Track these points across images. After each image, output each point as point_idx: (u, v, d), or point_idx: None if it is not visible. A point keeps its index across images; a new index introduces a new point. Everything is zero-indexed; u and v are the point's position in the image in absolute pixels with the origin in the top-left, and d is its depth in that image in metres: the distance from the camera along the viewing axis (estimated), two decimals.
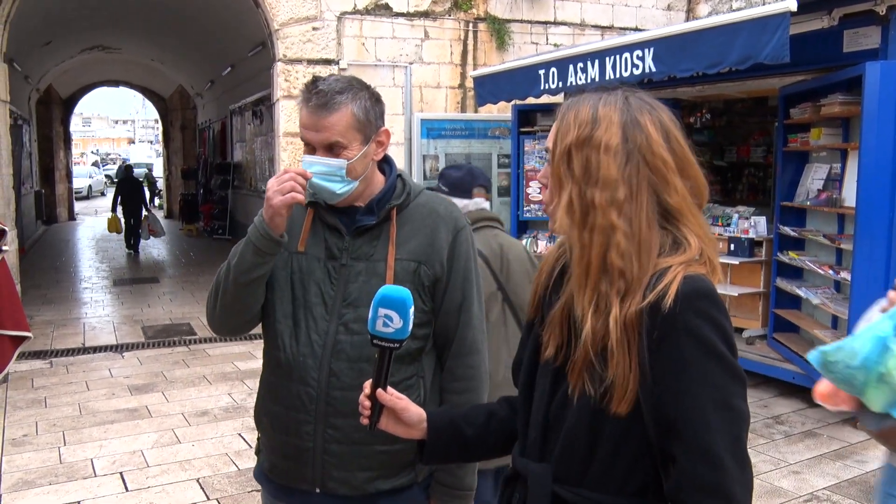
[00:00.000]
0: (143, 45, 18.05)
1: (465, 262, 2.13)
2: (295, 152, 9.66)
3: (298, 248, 2.08)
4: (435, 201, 2.18)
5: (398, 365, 2.00)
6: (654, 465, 1.37)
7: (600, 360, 1.33)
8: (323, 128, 1.97)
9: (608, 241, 1.33)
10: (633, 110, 1.40)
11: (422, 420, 1.65)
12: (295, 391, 2.05)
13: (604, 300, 1.33)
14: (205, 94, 20.42)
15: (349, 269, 2.05)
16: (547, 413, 1.48)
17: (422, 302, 2.05)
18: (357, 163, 2.01)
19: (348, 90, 2.00)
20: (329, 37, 9.70)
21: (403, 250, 2.06)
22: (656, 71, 6.36)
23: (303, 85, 2.06)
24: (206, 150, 21.46)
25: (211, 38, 14.58)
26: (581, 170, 1.37)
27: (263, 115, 13.92)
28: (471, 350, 2.14)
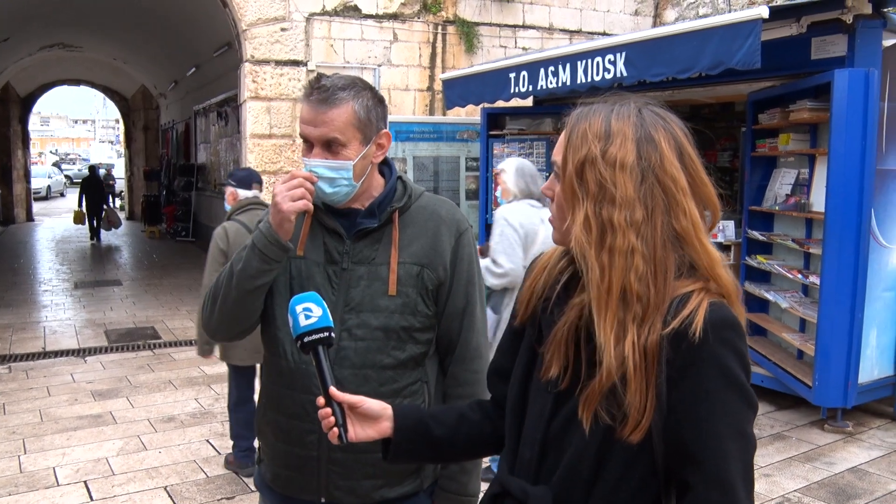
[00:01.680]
0: (105, 43, 17.78)
1: (469, 266, 2.09)
2: (262, 154, 9.56)
3: (297, 253, 2.04)
4: (437, 204, 2.14)
5: (402, 370, 2.00)
6: (656, 493, 1.35)
7: (620, 386, 1.28)
8: (322, 123, 1.93)
9: (627, 263, 1.28)
10: (647, 125, 1.34)
11: (385, 412, 1.60)
12: (298, 400, 2.00)
13: (622, 325, 1.28)
14: (168, 95, 20.17)
15: (350, 273, 2.01)
16: (546, 432, 1.43)
17: (425, 306, 2.02)
18: (357, 164, 1.97)
19: (351, 87, 1.96)
20: (297, 38, 9.62)
21: (406, 253, 2.02)
22: (627, 75, 6.37)
23: (306, 82, 2.03)
24: (170, 152, 21.20)
25: (176, 37, 14.39)
26: (596, 187, 1.31)
27: (229, 117, 13.77)
28: (475, 355, 2.11)
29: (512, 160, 5.36)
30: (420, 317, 2.01)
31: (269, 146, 9.61)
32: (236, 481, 5.01)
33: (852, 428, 6.02)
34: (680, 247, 1.32)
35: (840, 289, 5.74)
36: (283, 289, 2.04)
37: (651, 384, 1.26)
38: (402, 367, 2.00)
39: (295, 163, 9.73)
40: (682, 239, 1.32)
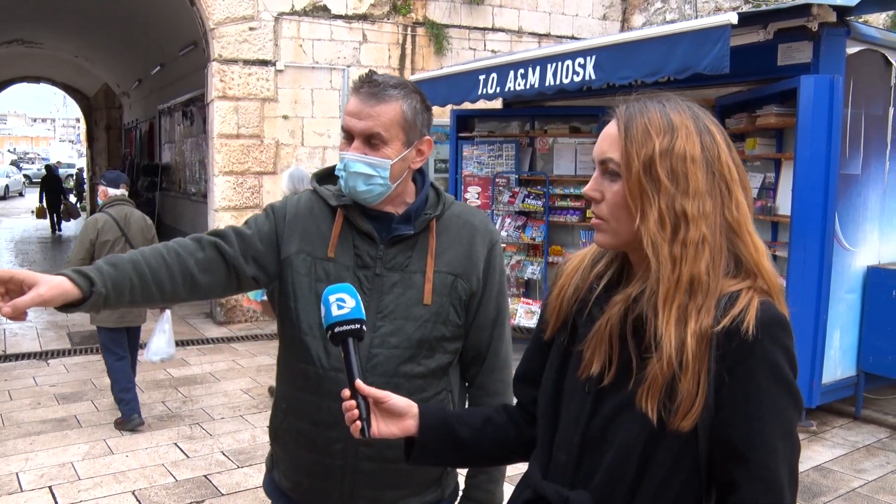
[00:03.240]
0: (66, 40, 17.50)
1: (500, 276, 2.07)
2: (230, 154, 9.48)
3: (328, 254, 1.97)
4: (470, 213, 2.10)
5: (431, 380, 1.97)
6: (698, 497, 1.34)
7: (676, 376, 1.28)
8: (368, 116, 1.88)
9: (699, 254, 1.29)
10: (702, 118, 1.36)
11: (411, 410, 1.57)
12: (325, 407, 1.93)
13: (684, 314, 1.28)
14: (132, 94, 19.92)
15: (383, 279, 1.96)
16: (585, 434, 1.41)
17: (456, 316, 1.98)
18: (396, 164, 1.92)
19: (402, 87, 1.93)
20: (266, 37, 9.56)
21: (441, 262, 1.98)
22: (596, 78, 6.42)
23: (357, 77, 1.98)
24: (133, 151, 20.93)
25: (140, 35, 14.21)
26: (669, 180, 1.30)
27: (194, 116, 13.62)
28: (504, 365, 2.08)
29: (289, 168, 6.75)
30: (451, 326, 1.98)
31: (236, 146, 9.53)
32: (206, 485, 4.96)
33: (816, 427, 6.13)
34: (731, 237, 1.33)
35: (805, 291, 5.83)
36: (307, 291, 1.97)
37: (704, 370, 1.27)
38: (431, 375, 1.97)
39: (262, 163, 9.66)
40: (734, 230, 1.33)
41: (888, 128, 6.55)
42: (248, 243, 2.01)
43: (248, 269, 2.00)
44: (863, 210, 6.40)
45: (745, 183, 1.37)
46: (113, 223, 6.02)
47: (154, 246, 1.96)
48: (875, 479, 5.19)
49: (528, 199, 8.49)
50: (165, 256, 1.92)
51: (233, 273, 1.99)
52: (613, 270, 1.47)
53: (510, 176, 8.81)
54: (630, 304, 1.36)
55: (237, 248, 1.99)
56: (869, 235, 6.50)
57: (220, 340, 9.00)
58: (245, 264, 2.00)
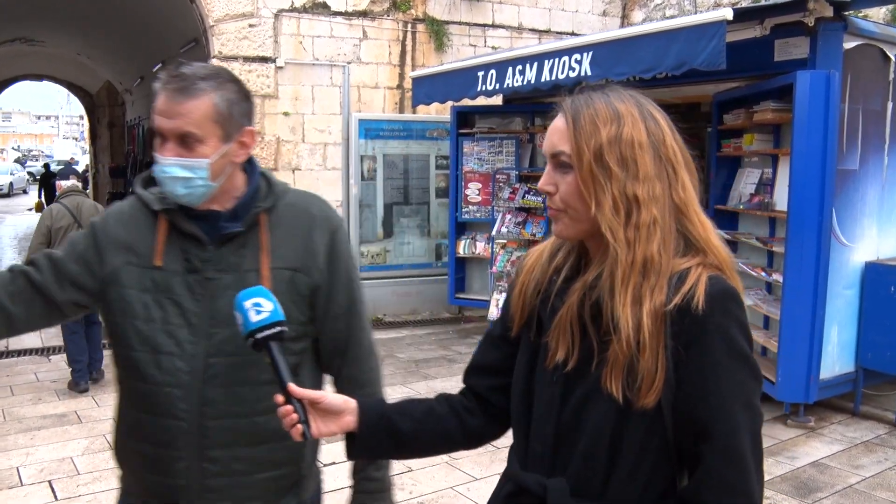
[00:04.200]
0: (68, 38, 17.53)
1: (347, 263, 1.95)
2: None
3: (155, 263, 1.83)
4: (306, 200, 1.97)
5: (275, 386, 1.72)
6: (671, 477, 1.39)
7: (635, 355, 1.32)
8: (178, 114, 1.74)
9: (651, 235, 1.33)
10: (645, 105, 1.41)
11: (348, 406, 1.56)
12: (162, 425, 1.82)
13: (639, 295, 1.32)
14: (134, 91, 19.94)
15: (215, 282, 1.82)
16: (557, 423, 1.44)
17: (298, 313, 1.85)
18: (215, 163, 1.78)
19: (213, 78, 1.78)
20: (266, 34, 9.57)
21: (276, 258, 1.85)
22: (592, 74, 6.44)
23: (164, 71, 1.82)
24: (136, 148, 20.98)
25: (141, 33, 14.23)
26: (619, 167, 1.34)
27: None
28: (369, 353, 2.00)
29: None
30: (294, 325, 1.80)
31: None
32: None
33: (814, 423, 6.14)
34: (680, 218, 1.38)
35: (802, 286, 5.84)
36: (136, 304, 1.83)
37: (661, 347, 1.31)
38: (272, 383, 1.74)
39: (263, 159, 9.68)
40: (681, 210, 1.38)
41: (886, 123, 6.54)
42: (60, 268, 1.88)
43: (63, 295, 1.88)
44: (861, 205, 6.40)
45: (690, 164, 1.42)
46: (66, 211, 6.84)
47: None
48: (873, 476, 5.20)
49: (529, 195, 8.51)
50: None
51: (49, 301, 1.87)
52: (572, 261, 1.49)
53: (510, 172, 8.83)
54: (587, 290, 1.39)
55: (48, 275, 1.87)
56: (867, 231, 6.50)
57: None
58: (59, 290, 1.87)
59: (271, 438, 1.83)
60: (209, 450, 1.82)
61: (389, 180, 10.14)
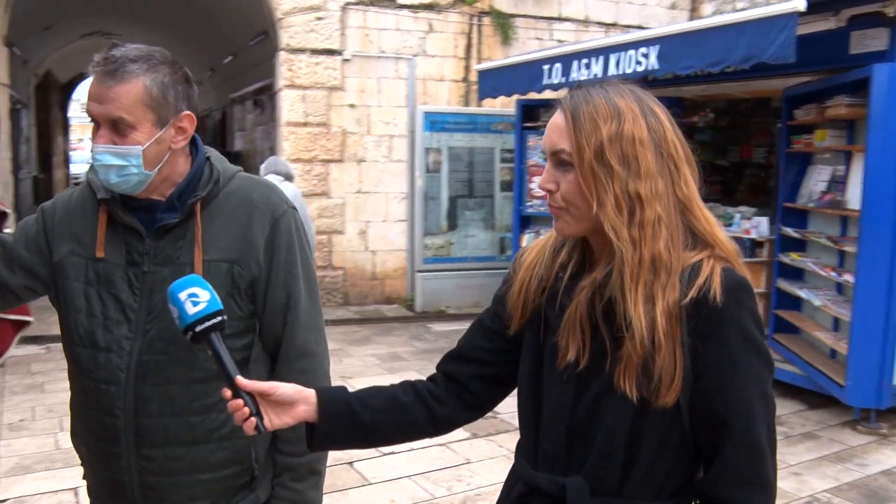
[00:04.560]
0: (142, 31, 17.95)
1: (288, 256, 1.83)
2: (297, 142, 9.64)
3: (97, 254, 1.76)
4: (249, 187, 1.85)
5: (216, 383, 1.69)
6: (689, 469, 1.39)
7: (650, 354, 1.30)
8: (107, 99, 1.65)
9: (656, 233, 1.32)
10: (645, 100, 1.38)
11: (302, 396, 1.51)
12: (101, 421, 1.78)
13: (651, 294, 1.31)
14: (205, 83, 20.37)
15: (153, 276, 1.74)
16: (570, 422, 1.42)
17: (237, 308, 1.77)
18: (149, 149, 1.69)
19: (145, 60, 1.69)
20: (333, 27, 9.67)
21: (213, 249, 1.75)
22: (659, 68, 6.36)
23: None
24: (207, 139, 21.42)
25: (212, 25, 14.52)
26: (620, 164, 1.32)
27: (265, 105, 13.87)
28: (302, 353, 1.86)
29: None
30: (233, 320, 1.73)
31: (304, 134, 9.68)
32: None
33: (886, 430, 5.95)
34: (684, 213, 1.37)
35: (875, 287, 5.66)
36: (78, 297, 1.78)
37: (678, 345, 1.30)
38: (214, 378, 1.70)
39: (330, 151, 9.80)
40: (685, 206, 1.37)
41: None
42: (11, 252, 1.84)
43: (13, 280, 1.84)
44: None
45: (690, 159, 1.40)
46: None
47: None
48: None
49: None
50: None
51: (1, 286, 1.84)
52: (577, 258, 1.48)
53: None
54: (597, 288, 1.38)
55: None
56: None
57: None
58: (9, 275, 1.83)
59: (208, 439, 1.78)
60: (145, 448, 1.76)
61: (454, 173, 10.16)
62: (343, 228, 10.00)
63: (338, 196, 9.92)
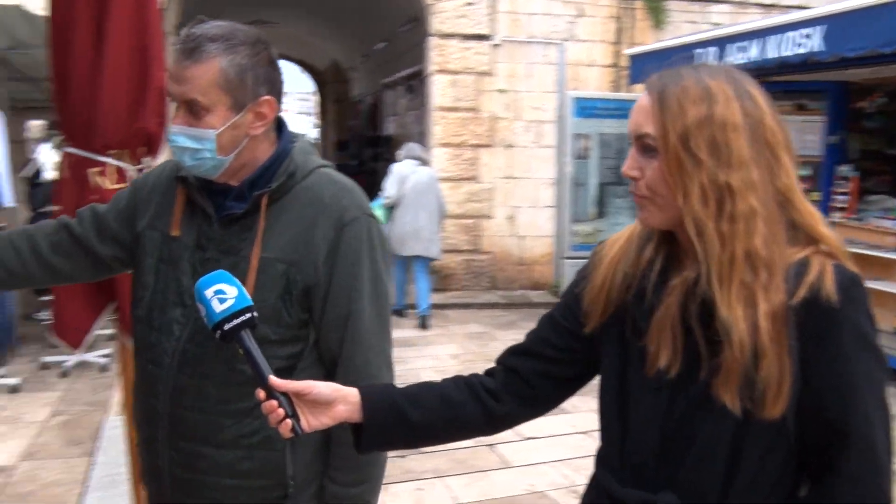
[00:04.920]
0: (299, 19, 18.60)
1: (353, 267, 1.69)
2: (447, 127, 9.82)
3: (172, 232, 1.72)
4: (323, 185, 1.73)
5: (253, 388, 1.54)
6: (794, 481, 1.29)
7: (752, 362, 1.18)
8: (183, 79, 1.59)
9: (751, 228, 1.19)
10: (740, 81, 1.26)
11: (342, 395, 1.41)
12: (145, 403, 1.75)
13: (750, 295, 1.18)
14: (358, 68, 20.88)
15: (215, 263, 1.62)
16: (662, 434, 1.30)
17: (286, 314, 1.66)
18: (223, 134, 1.61)
19: (224, 40, 1.60)
20: (482, 12, 9.76)
21: (274, 247, 1.65)
22: (823, 50, 6.07)
23: None
24: (359, 123, 21.98)
25: (364, 12, 14.86)
26: (709, 152, 1.20)
27: (416, 90, 14.12)
28: (362, 375, 1.69)
29: None
30: (280, 328, 1.65)
31: (453, 119, 9.84)
32: None
33: None
34: (785, 205, 1.25)
35: None
36: (148, 274, 1.73)
37: (785, 351, 1.18)
38: (252, 384, 1.52)
39: (479, 136, 9.93)
40: (785, 197, 1.25)
41: None
42: (102, 222, 1.84)
43: (102, 250, 1.83)
44: None
45: (790, 147, 1.27)
46: None
47: (9, 232, 1.88)
48: None
49: None
50: (14, 241, 1.83)
51: (91, 254, 1.84)
52: (664, 254, 1.34)
53: None
54: (690, 288, 1.25)
55: (89, 228, 1.84)
56: None
57: (435, 306, 9.34)
58: (99, 244, 1.83)
59: (237, 445, 1.69)
60: (177, 439, 1.71)
61: (604, 160, 10.03)
62: (492, 213, 10.13)
63: (487, 181, 10.04)
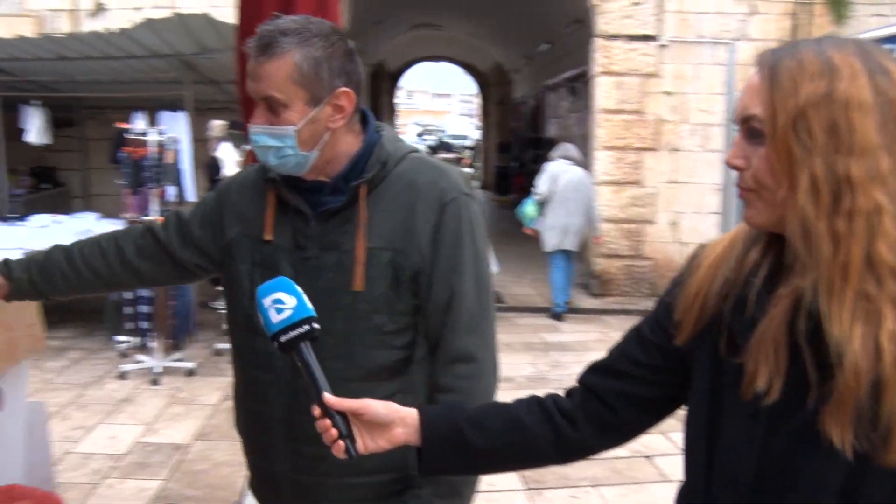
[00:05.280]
0: (462, 21, 18.90)
1: (454, 249, 1.66)
2: (611, 129, 9.68)
3: (265, 237, 1.70)
4: (417, 169, 1.70)
5: (375, 382, 1.62)
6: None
7: (870, 393, 0.99)
8: (259, 76, 1.57)
9: (874, 227, 1.00)
10: (874, 53, 1.05)
11: (399, 417, 1.32)
12: (256, 410, 1.74)
13: (872, 310, 0.99)
14: (521, 70, 20.96)
15: (317, 261, 1.65)
16: (757, 470, 1.11)
17: (399, 301, 1.64)
18: (303, 129, 1.59)
19: (296, 34, 1.57)
20: (649, 11, 9.56)
21: (376, 237, 1.63)
22: None
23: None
24: (522, 125, 22.04)
25: (528, 14, 14.89)
26: (825, 136, 1.01)
27: (579, 92, 14.01)
28: (457, 357, 1.67)
29: None
30: (396, 315, 1.64)
31: (617, 122, 9.68)
32: None
33: None
34: None
35: None
36: (244, 280, 1.71)
37: None
38: (373, 377, 1.63)
39: (643, 139, 9.72)
40: None
41: None
42: (186, 228, 1.84)
43: (185, 256, 1.84)
44: None
45: None
46: None
47: (99, 234, 1.92)
48: None
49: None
50: (102, 243, 1.87)
51: (173, 259, 1.86)
52: (771, 259, 1.14)
53: None
54: (799, 299, 1.05)
55: (173, 234, 1.84)
56: None
57: (593, 311, 9.23)
58: (181, 250, 1.84)
59: None
60: (295, 443, 1.68)
61: None
62: (654, 218, 9.88)
63: (650, 185, 9.81)
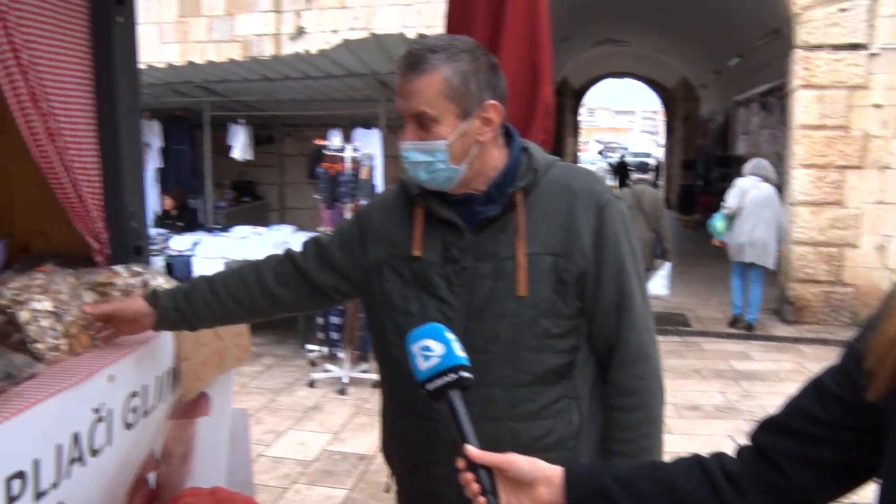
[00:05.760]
0: (649, 37, 18.49)
1: (617, 248, 1.69)
2: (811, 146, 9.04)
3: (413, 253, 1.74)
4: (570, 175, 1.75)
5: (542, 386, 1.67)
6: None
7: None
8: (409, 93, 1.62)
9: None
10: None
11: (545, 476, 1.26)
12: (420, 427, 1.74)
13: None
14: (709, 85, 20.23)
15: (473, 272, 1.69)
16: None
17: (563, 305, 1.66)
18: (454, 143, 1.64)
19: (445, 50, 1.62)
20: (859, 18, 8.85)
21: (535, 242, 1.67)
22: None
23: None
24: (708, 142, 21.27)
25: (718, 27, 14.35)
26: None
27: (771, 107, 13.29)
28: (638, 357, 1.71)
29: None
30: (560, 319, 1.66)
31: (818, 138, 8.99)
32: None
33: None
34: None
35: None
36: (396, 297, 1.74)
37: None
38: (539, 382, 1.67)
39: (847, 156, 9.00)
40: None
41: None
42: (325, 253, 1.89)
43: (326, 280, 1.89)
44: None
45: None
46: (631, 195, 8.27)
47: (241, 264, 2.00)
48: None
49: None
50: (243, 271, 1.94)
51: (311, 285, 1.90)
52: None
53: None
54: None
55: (311, 259, 1.90)
56: None
57: (787, 339, 8.61)
58: (319, 273, 1.89)
59: (533, 448, 1.60)
60: None
61: None
62: (857, 242, 9.06)
63: (854, 206, 9.03)
